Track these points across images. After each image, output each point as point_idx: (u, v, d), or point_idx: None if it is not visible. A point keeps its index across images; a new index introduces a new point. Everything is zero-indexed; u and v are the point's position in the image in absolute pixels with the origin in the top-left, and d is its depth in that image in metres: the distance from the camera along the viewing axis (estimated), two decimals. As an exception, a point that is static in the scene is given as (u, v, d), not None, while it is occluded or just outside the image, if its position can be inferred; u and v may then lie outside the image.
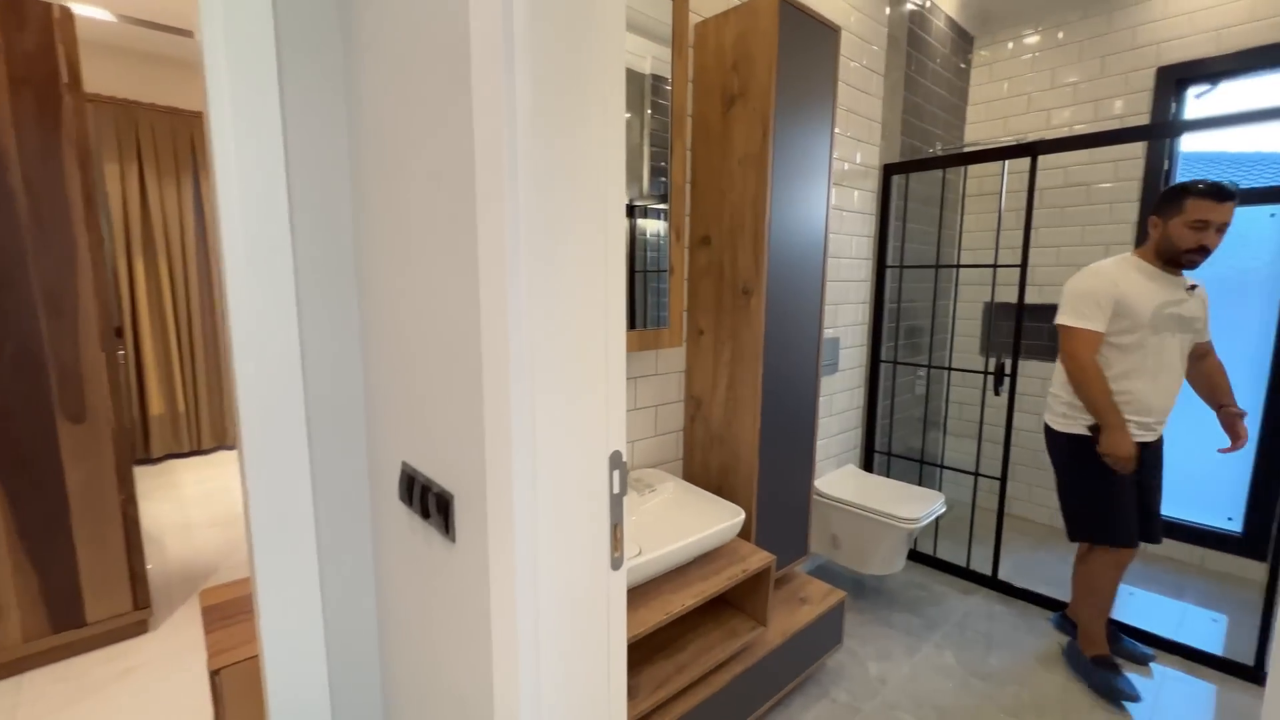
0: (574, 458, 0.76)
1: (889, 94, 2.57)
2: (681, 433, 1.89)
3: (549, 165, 0.67)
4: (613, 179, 0.72)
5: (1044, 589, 2.45)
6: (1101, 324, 1.76)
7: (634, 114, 1.53)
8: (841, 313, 2.50)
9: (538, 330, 0.69)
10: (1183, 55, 2.61)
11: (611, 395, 0.77)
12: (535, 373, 0.70)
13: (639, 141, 1.55)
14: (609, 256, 0.73)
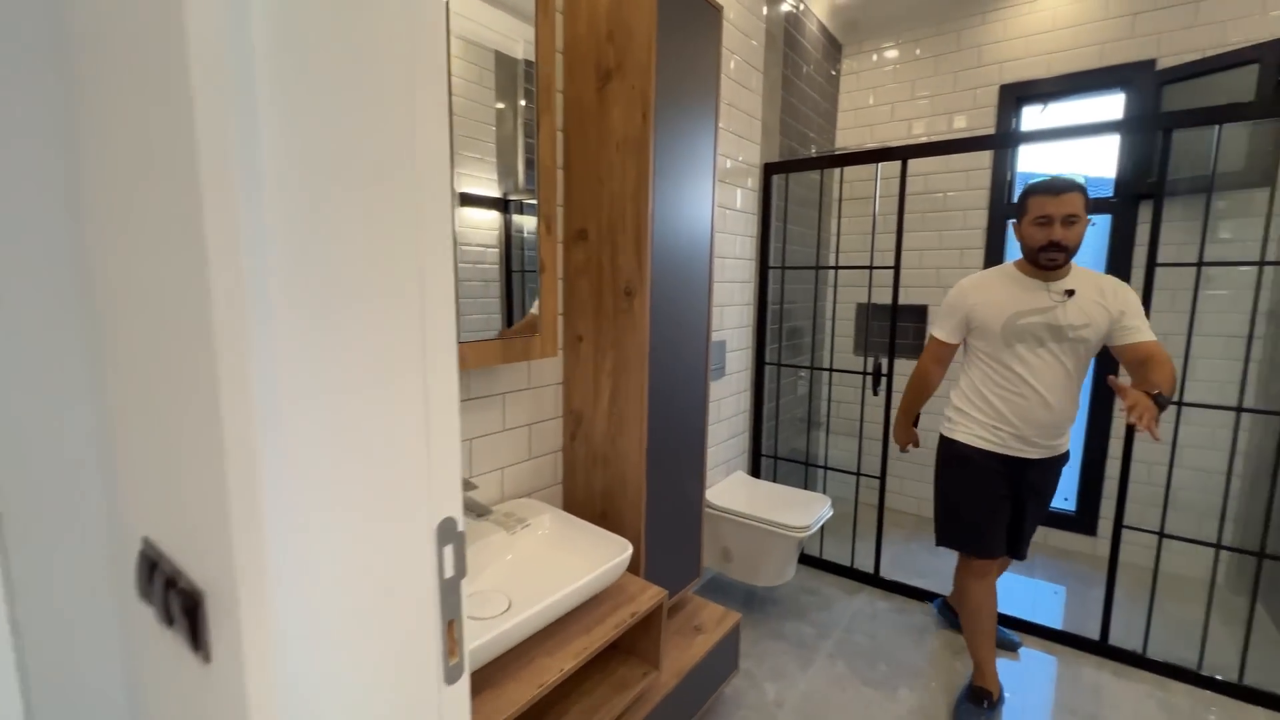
0: (378, 533, 0.51)
1: (768, 92, 2.53)
2: (560, 453, 1.66)
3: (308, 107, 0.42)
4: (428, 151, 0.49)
5: (919, 581, 2.53)
6: (949, 334, 1.79)
7: (507, 102, 1.32)
8: (727, 315, 2.41)
9: (304, 348, 0.44)
10: (1020, 76, 2.83)
11: (439, 439, 0.54)
12: (301, 408, 0.44)
13: (512, 132, 1.33)
14: (428, 254, 0.50)
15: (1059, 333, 1.62)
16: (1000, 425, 1.71)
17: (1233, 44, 2.37)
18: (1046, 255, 1.60)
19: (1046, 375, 1.64)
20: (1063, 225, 1.57)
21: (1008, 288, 1.69)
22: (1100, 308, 1.60)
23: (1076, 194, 1.56)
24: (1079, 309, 1.60)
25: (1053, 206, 1.57)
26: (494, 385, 1.45)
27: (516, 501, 1.49)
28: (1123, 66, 2.60)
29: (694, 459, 1.74)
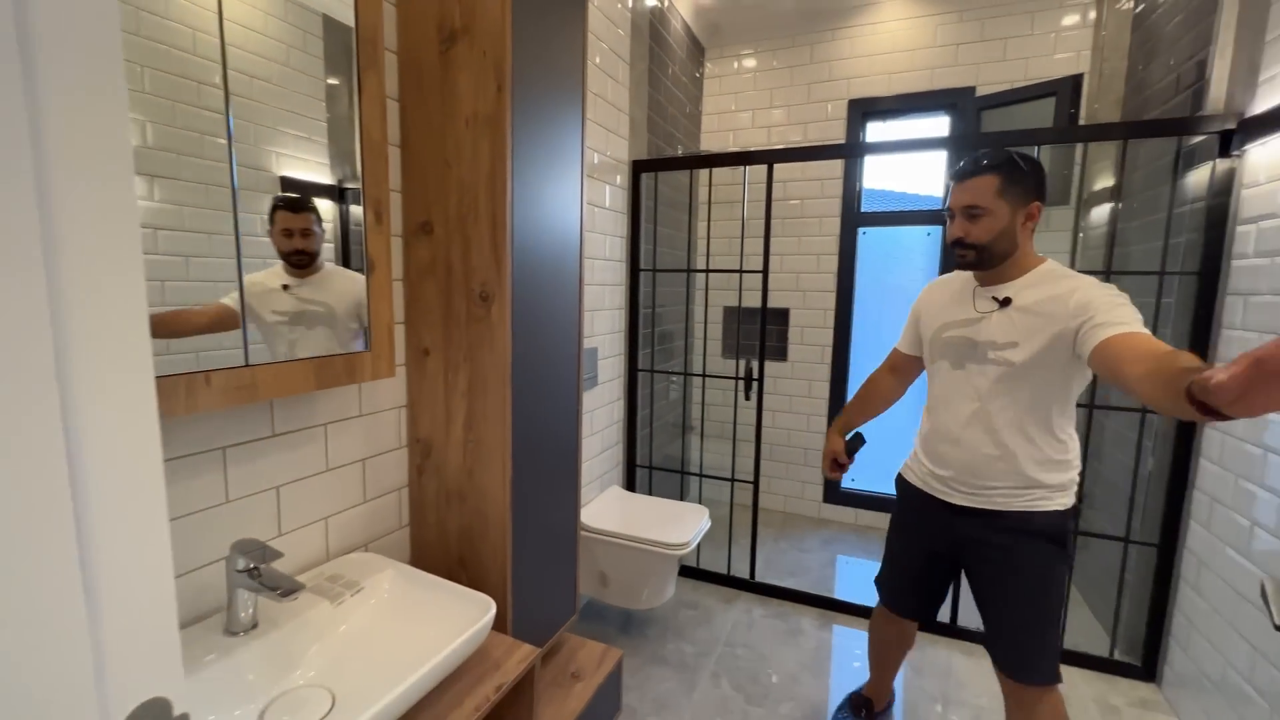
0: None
1: (635, 86, 2.41)
2: (405, 490, 1.38)
3: None
4: None
5: (792, 582, 2.57)
6: (905, 342, 1.59)
7: (341, 77, 1.06)
8: (598, 320, 2.25)
9: None
10: (866, 92, 3.01)
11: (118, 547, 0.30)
12: None
13: (348, 111, 1.06)
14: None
15: (975, 350, 1.30)
16: (921, 457, 1.46)
17: (1033, 79, 2.68)
18: (956, 254, 1.31)
19: (955, 401, 1.34)
20: (965, 219, 1.26)
21: (952, 292, 1.40)
22: (1045, 319, 1.19)
23: (983, 177, 1.24)
24: (1008, 323, 1.25)
25: (954, 196, 1.29)
26: (312, 415, 1.14)
27: (347, 559, 1.19)
28: (949, 91, 2.85)
29: (567, 484, 1.55)
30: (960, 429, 1.33)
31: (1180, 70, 2.03)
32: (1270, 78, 1.59)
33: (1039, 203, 1.26)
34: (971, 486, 1.33)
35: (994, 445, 1.28)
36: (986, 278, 1.31)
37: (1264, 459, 1.48)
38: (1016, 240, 1.26)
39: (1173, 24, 2.12)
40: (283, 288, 0.99)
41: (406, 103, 1.26)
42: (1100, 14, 2.56)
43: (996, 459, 1.28)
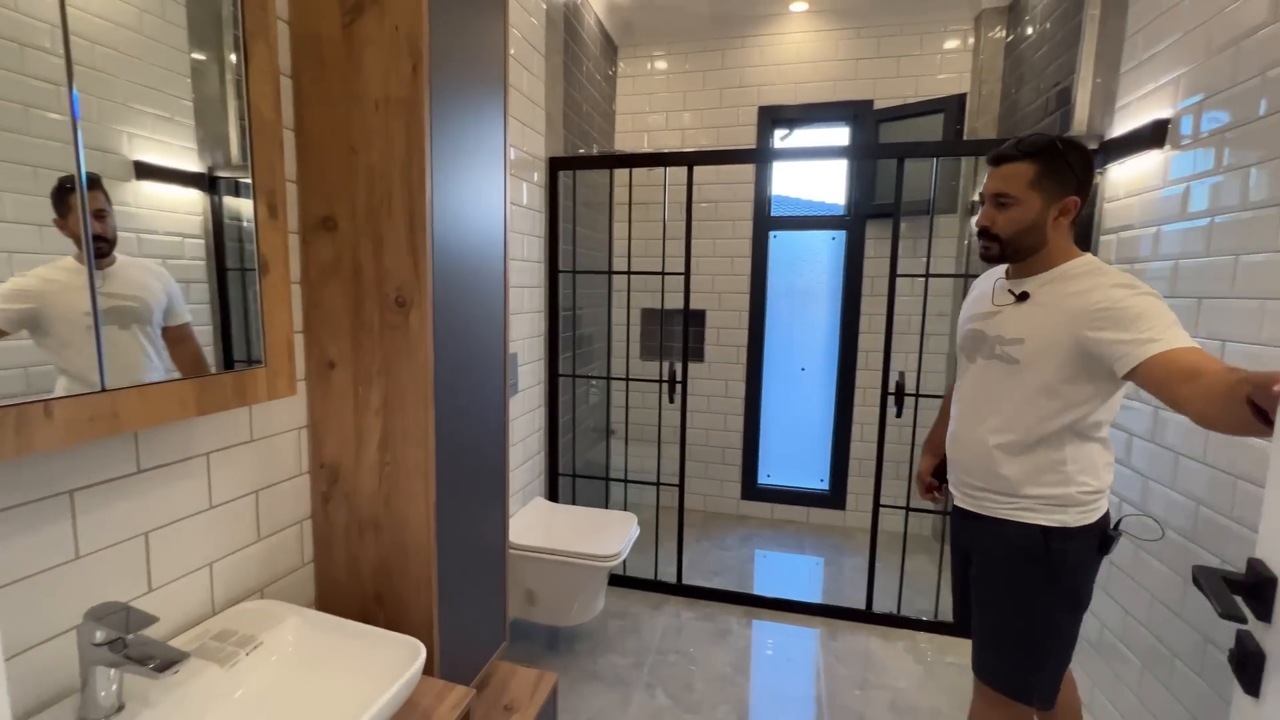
0: None
1: (551, 80, 2.31)
2: (309, 523, 1.21)
3: None
4: None
5: (717, 581, 2.59)
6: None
7: (209, 52, 0.90)
8: (517, 324, 2.13)
9: None
10: (774, 100, 3.10)
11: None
12: None
13: (220, 90, 0.90)
14: None
15: (985, 344, 1.24)
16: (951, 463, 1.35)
17: (924, 95, 2.89)
18: (980, 245, 1.23)
19: (963, 395, 1.29)
20: (993, 206, 1.19)
21: (986, 286, 1.31)
22: (1057, 317, 1.12)
23: (1018, 164, 1.16)
24: (1020, 317, 1.18)
25: (987, 182, 1.21)
26: (190, 444, 0.96)
27: (239, 609, 1.02)
28: (850, 103, 3.01)
29: (495, 503, 1.43)
30: (960, 425, 1.28)
31: (1048, 95, 2.26)
32: (1125, 105, 1.79)
33: (1077, 198, 1.14)
34: (969, 487, 1.27)
35: (984, 440, 1.22)
36: (1015, 270, 1.24)
37: (1128, 442, 1.67)
38: (1046, 235, 1.16)
39: (1040, 54, 2.35)
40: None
41: (302, 81, 1.10)
42: (978, 40, 2.81)
43: (985, 454, 1.21)
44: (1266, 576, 0.58)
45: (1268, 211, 1.24)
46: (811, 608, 2.35)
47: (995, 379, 1.21)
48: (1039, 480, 1.16)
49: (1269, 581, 0.57)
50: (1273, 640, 0.57)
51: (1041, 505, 1.16)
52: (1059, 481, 1.15)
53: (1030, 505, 1.17)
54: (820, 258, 3.23)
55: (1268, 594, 0.57)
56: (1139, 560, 1.60)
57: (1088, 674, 1.81)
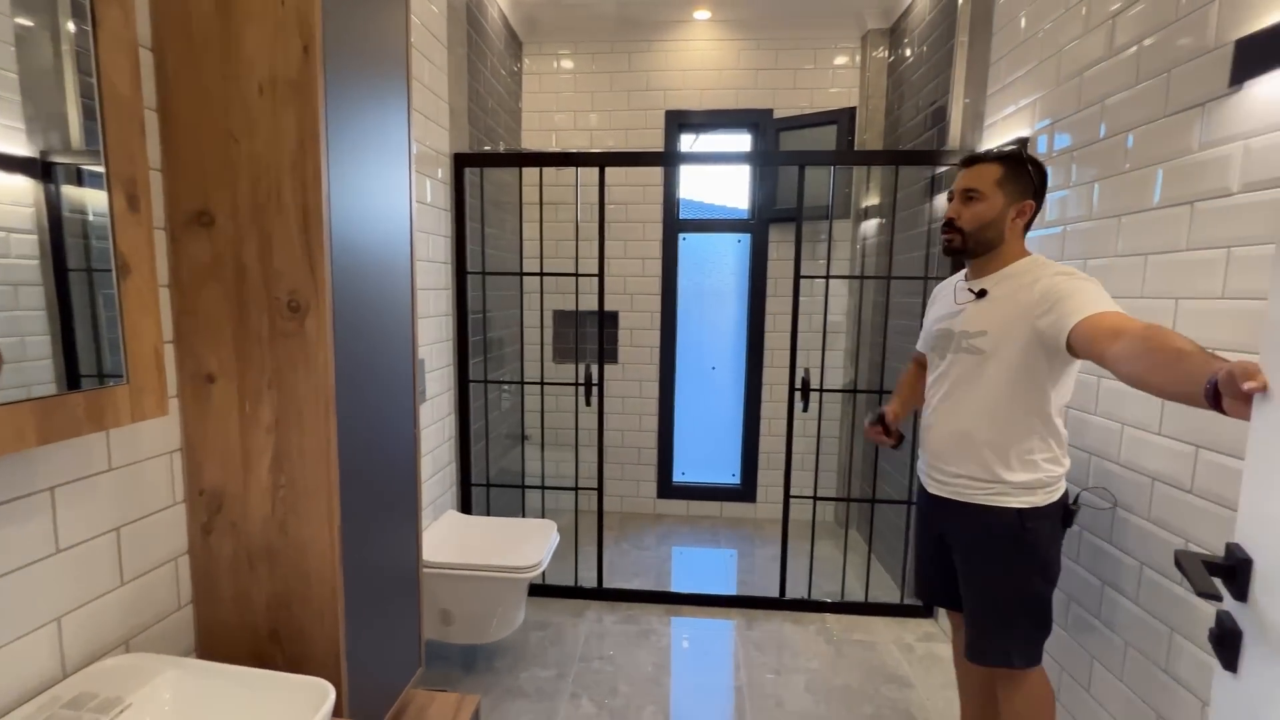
0: None
1: (454, 72, 2.21)
2: (186, 559, 1.07)
3: None
4: None
5: (636, 582, 2.60)
6: (919, 340, 1.55)
7: (38, 17, 0.77)
8: (424, 328, 2.01)
9: None
10: (680, 104, 3.16)
11: None
12: None
13: (54, 62, 0.78)
14: None
15: (953, 340, 1.33)
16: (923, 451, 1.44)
17: (818, 107, 3.07)
18: (942, 237, 1.35)
19: (936, 389, 1.39)
20: (960, 200, 1.30)
21: (950, 289, 1.42)
22: (1011, 309, 1.22)
23: (988, 165, 1.28)
24: (981, 313, 1.29)
25: (959, 180, 1.32)
26: (30, 478, 0.81)
27: (99, 668, 0.87)
28: (752, 110, 3.13)
29: (406, 521, 1.34)
30: (934, 415, 1.37)
31: (926, 113, 2.47)
32: (992, 123, 2.00)
33: (1033, 203, 1.28)
34: (942, 474, 1.34)
35: (958, 429, 1.30)
36: (973, 271, 1.35)
37: (1003, 427, 1.86)
38: (1004, 233, 1.27)
39: (918, 74, 2.57)
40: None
41: (168, 56, 0.96)
42: (864, 58, 3.02)
43: (959, 442, 1.30)
44: (1242, 559, 0.63)
45: (1107, 221, 1.43)
46: (728, 600, 2.42)
47: (966, 371, 1.30)
48: (1015, 464, 1.24)
49: (1245, 563, 0.62)
50: (1248, 619, 0.63)
51: (1015, 489, 1.25)
52: (1030, 466, 1.24)
53: (1005, 489, 1.25)
54: (727, 260, 3.34)
55: (1244, 575, 0.62)
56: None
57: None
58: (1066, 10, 1.60)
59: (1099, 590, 1.44)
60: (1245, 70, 1.06)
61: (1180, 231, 1.22)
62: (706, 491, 3.40)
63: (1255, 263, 1.06)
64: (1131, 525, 1.34)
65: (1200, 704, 1.14)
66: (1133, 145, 1.36)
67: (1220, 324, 1.12)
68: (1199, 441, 1.16)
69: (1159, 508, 1.26)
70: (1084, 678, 1.49)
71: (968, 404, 1.30)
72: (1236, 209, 1.10)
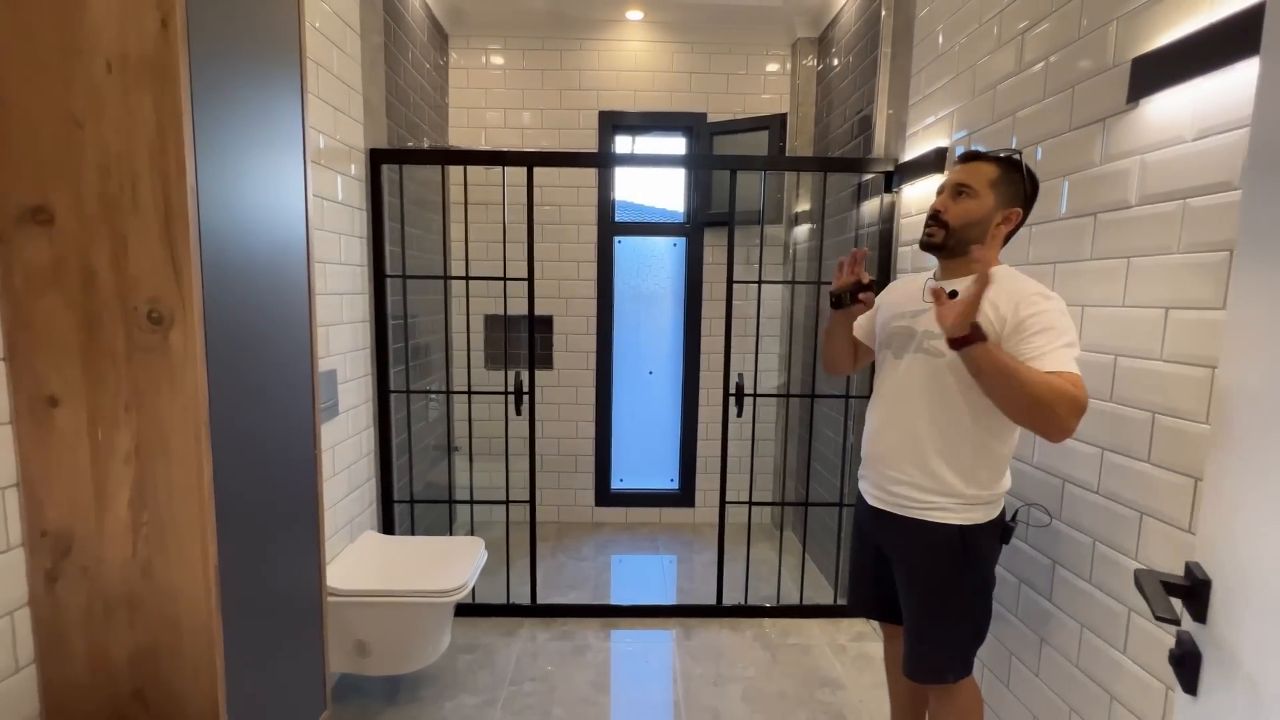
0: None
1: (369, 60, 2.06)
2: (26, 611, 0.91)
3: None
4: None
5: (572, 596, 2.52)
6: (857, 328, 1.49)
7: None
8: (334, 337, 1.87)
9: None
10: (614, 105, 3.11)
11: None
12: None
13: None
14: None
15: (913, 340, 1.27)
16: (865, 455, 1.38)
17: (751, 112, 3.09)
18: (925, 231, 1.28)
19: (887, 390, 1.32)
20: (950, 195, 1.24)
21: (913, 287, 1.36)
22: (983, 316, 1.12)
23: (985, 164, 1.23)
24: None
25: (951, 175, 1.28)
26: None
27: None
28: (685, 114, 3.11)
29: (305, 548, 1.22)
30: (883, 418, 1.31)
31: (853, 121, 2.52)
32: (914, 133, 2.05)
33: (1020, 210, 1.22)
34: (885, 480, 1.29)
35: (909, 434, 1.25)
36: (944, 271, 1.29)
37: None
38: (986, 235, 1.21)
39: (845, 83, 2.63)
40: None
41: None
42: (794, 66, 3.07)
43: (910, 448, 1.24)
44: (1201, 579, 0.62)
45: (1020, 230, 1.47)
46: (666, 610, 2.38)
47: (923, 374, 1.23)
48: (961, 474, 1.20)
49: (1204, 584, 0.61)
50: (1208, 640, 0.61)
51: (957, 505, 1.20)
52: (976, 481, 1.20)
53: (948, 505, 1.21)
54: (664, 263, 3.31)
55: (1203, 596, 0.61)
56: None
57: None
58: (980, 26, 1.65)
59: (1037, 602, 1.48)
60: (1141, 88, 1.11)
61: (1084, 242, 1.27)
62: (645, 498, 3.35)
63: (1152, 272, 1.10)
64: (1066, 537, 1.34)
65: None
66: (1041, 157, 1.41)
67: (1121, 330, 1.17)
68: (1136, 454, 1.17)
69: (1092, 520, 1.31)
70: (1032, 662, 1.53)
71: (922, 409, 1.23)
72: (1135, 220, 1.14)
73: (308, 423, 1.22)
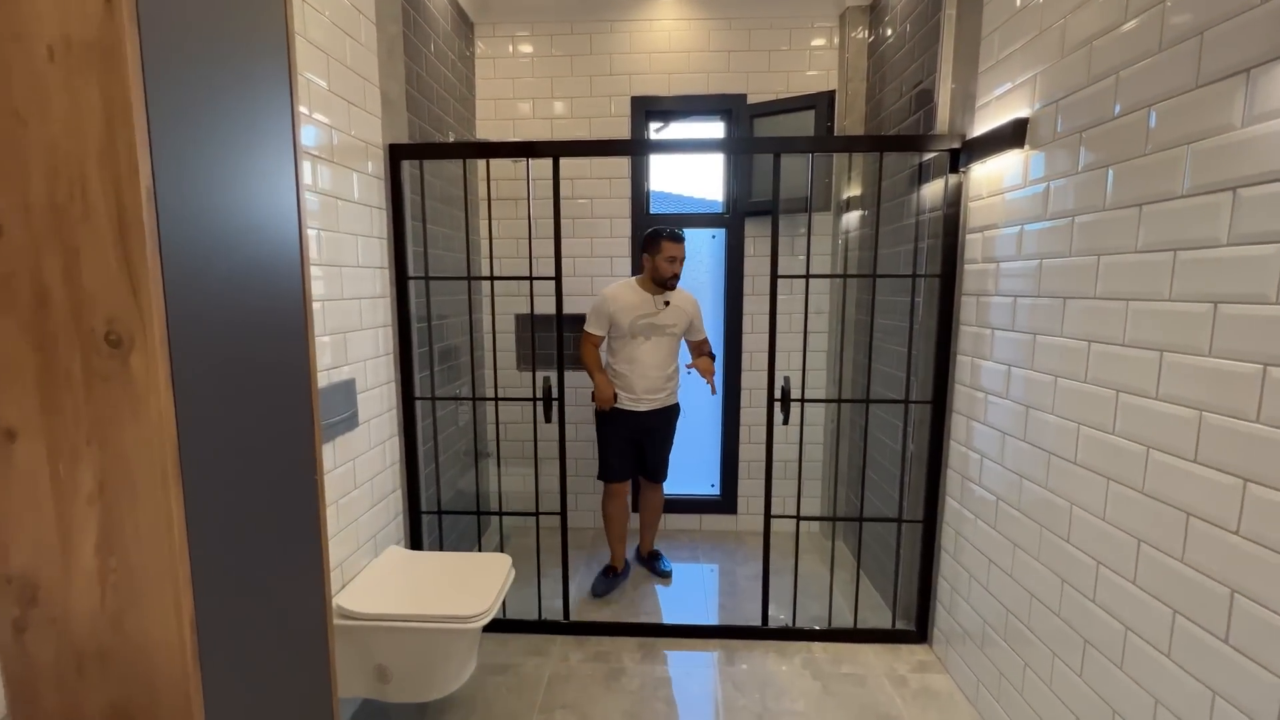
0: None
1: (387, 52, 1.96)
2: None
3: None
4: None
5: (608, 612, 2.39)
6: (600, 329, 2.47)
7: None
8: (353, 344, 1.77)
9: None
10: (646, 90, 2.93)
11: None
12: None
13: None
14: None
15: (660, 329, 2.46)
16: (626, 390, 2.48)
17: (794, 91, 2.86)
18: (670, 281, 2.42)
19: (649, 356, 2.46)
20: (680, 263, 2.42)
21: (637, 298, 2.44)
22: (683, 313, 2.50)
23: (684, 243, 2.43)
24: (672, 314, 2.46)
25: (677, 251, 2.39)
26: None
27: None
28: (724, 96, 2.91)
29: (308, 577, 1.11)
30: (653, 369, 2.47)
31: (910, 95, 2.27)
32: (985, 104, 1.80)
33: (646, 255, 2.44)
34: (653, 397, 2.50)
35: (666, 372, 2.50)
36: (662, 290, 2.44)
37: (1000, 439, 1.68)
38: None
39: (900, 54, 2.37)
40: None
41: (-83, 6, 0.72)
42: (843, 38, 2.82)
43: (666, 379, 2.51)
44: None
45: (1127, 212, 1.24)
46: (707, 630, 2.22)
47: (668, 343, 2.51)
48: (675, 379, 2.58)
49: None
50: None
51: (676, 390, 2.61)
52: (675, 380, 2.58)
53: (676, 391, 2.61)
54: (702, 257, 3.13)
55: None
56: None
57: (966, 664, 1.83)
58: (1072, -29, 1.40)
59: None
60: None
61: (1218, 224, 1.03)
62: (685, 504, 3.20)
63: (1321, 261, 0.87)
64: (1160, 564, 1.15)
65: None
66: (1155, 124, 1.17)
67: (1270, 335, 0.94)
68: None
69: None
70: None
71: (671, 359, 2.52)
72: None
73: (307, 445, 1.11)
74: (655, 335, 2.43)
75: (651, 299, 2.42)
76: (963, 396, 1.91)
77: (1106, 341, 1.29)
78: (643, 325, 2.41)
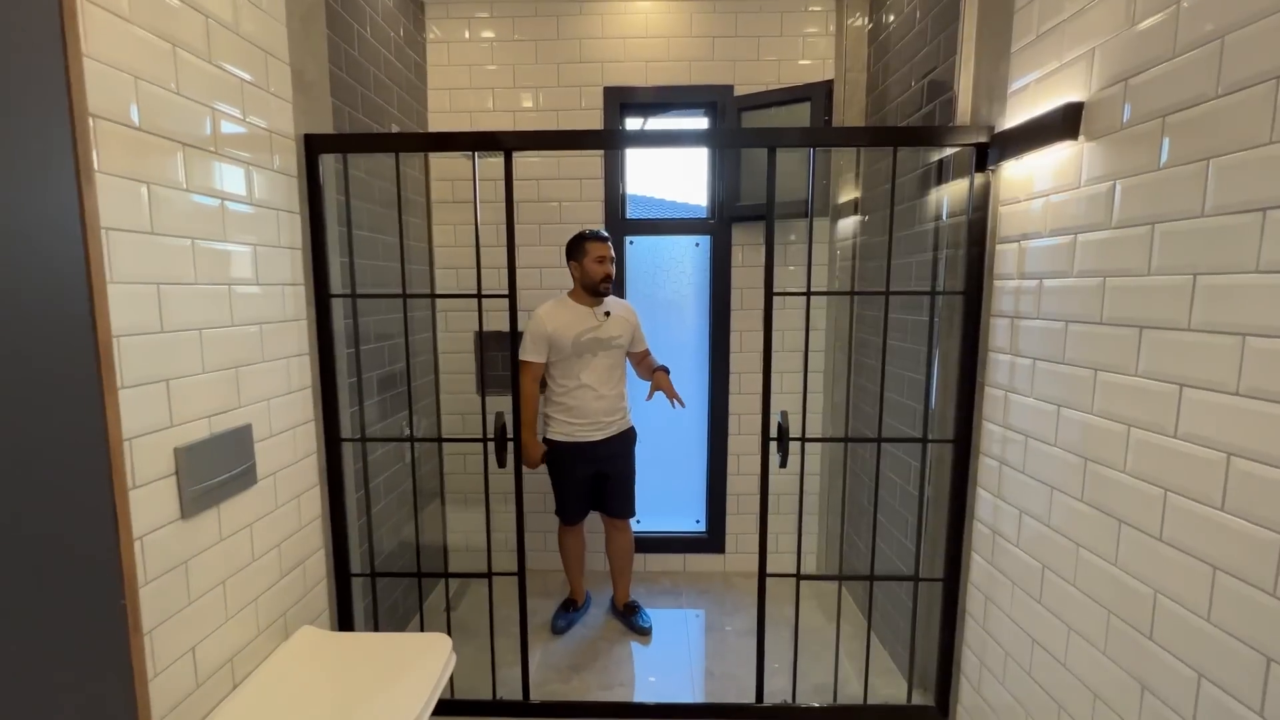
0: None
1: (301, 23, 1.61)
2: None
3: None
4: None
5: (576, 683, 2.04)
6: (539, 356, 2.17)
7: None
8: (249, 381, 1.42)
9: None
10: (621, 80, 2.61)
11: None
12: None
13: None
14: None
15: (605, 343, 2.20)
16: (579, 418, 2.20)
17: (786, 82, 2.56)
18: (603, 284, 2.17)
19: (599, 374, 2.20)
20: (611, 263, 2.16)
21: (572, 315, 2.18)
22: (626, 323, 2.25)
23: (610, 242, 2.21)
24: (617, 324, 2.22)
25: (605, 250, 2.15)
26: None
27: None
28: (709, 87, 2.60)
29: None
30: (606, 388, 2.21)
31: (920, 85, 1.98)
32: (1020, 89, 1.50)
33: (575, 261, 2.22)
34: (609, 420, 2.23)
35: (618, 390, 2.26)
36: (597, 298, 2.20)
37: (1047, 494, 1.38)
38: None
39: (906, 39, 2.08)
40: None
41: None
42: (840, 25, 2.52)
43: (619, 398, 2.26)
44: None
45: (1240, 219, 0.94)
46: (693, 709, 1.89)
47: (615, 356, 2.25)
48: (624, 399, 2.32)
49: None
50: None
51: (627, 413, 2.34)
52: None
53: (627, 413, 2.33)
54: (684, 266, 2.81)
55: None
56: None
57: None
58: (1145, -86, 1.10)
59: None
60: None
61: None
62: (666, 543, 2.86)
63: None
64: None
65: None
66: None
67: None
68: None
69: None
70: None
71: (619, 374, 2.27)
72: None
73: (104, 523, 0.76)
74: (601, 351, 2.19)
75: (590, 311, 2.18)
76: (993, 437, 1.60)
77: (1206, 388, 0.99)
78: (587, 341, 2.16)
